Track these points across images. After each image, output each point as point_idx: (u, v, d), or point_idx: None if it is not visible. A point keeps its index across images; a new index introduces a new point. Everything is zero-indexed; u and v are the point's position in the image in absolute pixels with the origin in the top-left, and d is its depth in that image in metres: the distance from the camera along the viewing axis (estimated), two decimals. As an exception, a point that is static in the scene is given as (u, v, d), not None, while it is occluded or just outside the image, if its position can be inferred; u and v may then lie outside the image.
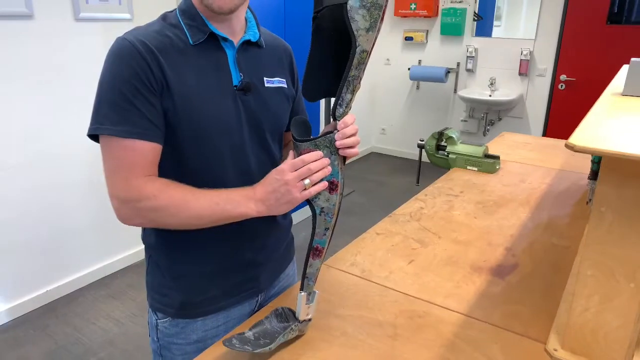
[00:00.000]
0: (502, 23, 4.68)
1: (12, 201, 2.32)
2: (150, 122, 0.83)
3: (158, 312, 1.02)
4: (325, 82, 0.84)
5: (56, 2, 2.30)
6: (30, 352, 2.17)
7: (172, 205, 0.84)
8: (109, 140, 0.84)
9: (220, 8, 0.85)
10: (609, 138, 0.76)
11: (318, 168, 0.82)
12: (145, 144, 0.84)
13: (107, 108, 0.83)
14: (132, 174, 0.84)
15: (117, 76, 0.83)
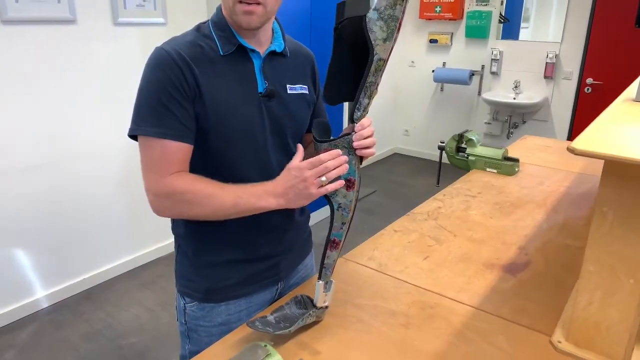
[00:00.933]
0: (530, 25, 4.66)
1: (54, 195, 2.47)
2: (183, 125, 0.92)
3: (186, 296, 1.11)
4: (345, 87, 0.90)
5: (97, 8, 2.44)
6: (69, 334, 2.32)
7: (200, 199, 0.92)
8: (146, 140, 0.93)
9: (248, 25, 0.94)
10: (611, 143, 0.81)
11: (334, 166, 0.88)
12: (178, 144, 0.92)
13: (145, 111, 0.92)
14: (165, 171, 0.93)
15: (154, 83, 0.92)
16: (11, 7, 2.11)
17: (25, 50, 2.23)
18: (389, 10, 0.83)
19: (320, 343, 0.95)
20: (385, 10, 0.82)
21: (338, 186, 0.90)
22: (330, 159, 0.88)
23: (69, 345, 2.25)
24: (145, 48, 2.67)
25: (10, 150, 2.27)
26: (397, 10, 0.83)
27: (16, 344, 2.25)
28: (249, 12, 0.92)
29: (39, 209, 2.42)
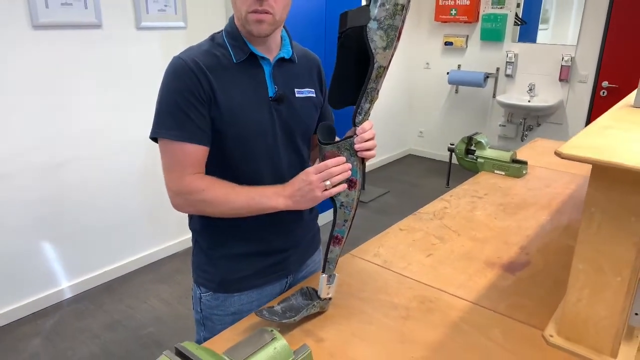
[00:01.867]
0: (550, 26, 4.64)
1: (79, 191, 2.59)
2: (200, 128, 1.00)
3: (201, 286, 1.19)
4: (349, 92, 0.96)
5: (121, 13, 2.56)
6: (90, 324, 2.43)
7: (216, 199, 1.01)
8: (165, 143, 1.01)
9: (259, 33, 1.01)
10: (599, 147, 0.86)
11: (339, 172, 0.96)
12: (195, 146, 1.01)
13: (165, 116, 1.01)
14: (184, 171, 1.01)
15: (173, 90, 1.00)
16: (42, 13, 2.24)
17: (53, 53, 2.35)
18: (389, 20, 0.89)
19: (324, 331, 1.02)
20: (385, 20, 0.88)
21: (341, 189, 0.97)
22: (335, 164, 0.95)
23: (91, 333, 2.36)
24: (166, 50, 2.77)
25: (41, 147, 2.40)
26: (396, 20, 0.89)
27: (41, 331, 2.37)
28: (259, 20, 0.99)
29: (65, 204, 2.55)
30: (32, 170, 2.39)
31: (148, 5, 2.63)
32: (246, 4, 0.98)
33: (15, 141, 2.31)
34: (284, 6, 1.03)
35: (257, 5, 0.97)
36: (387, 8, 0.88)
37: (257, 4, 0.97)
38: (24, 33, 2.23)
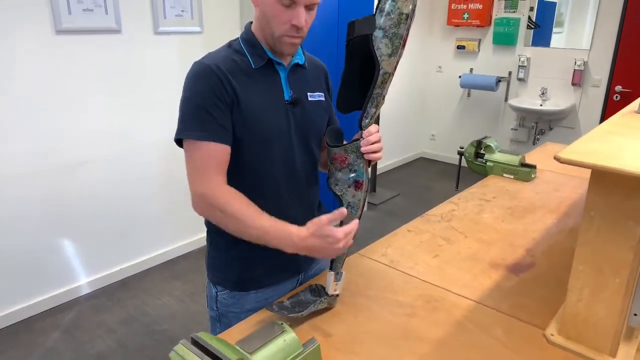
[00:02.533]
0: (565, 29, 4.63)
1: (97, 190, 2.67)
2: (222, 127, 1.04)
3: (218, 285, 1.24)
4: (356, 97, 1.01)
5: (140, 18, 2.64)
6: (107, 318, 2.51)
7: (234, 217, 1.02)
8: (190, 144, 1.05)
9: (289, 52, 1.09)
10: (598, 152, 0.89)
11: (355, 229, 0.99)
12: (218, 145, 1.04)
13: (190, 118, 1.05)
14: (208, 172, 1.04)
15: (197, 92, 1.04)
16: (65, 18, 2.32)
17: (75, 56, 2.43)
18: (394, 29, 0.93)
19: (331, 326, 1.06)
20: (390, 29, 0.93)
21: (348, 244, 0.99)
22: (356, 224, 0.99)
23: (107, 328, 2.44)
24: (183, 54, 2.85)
25: (61, 147, 2.48)
26: (401, 29, 0.94)
27: (60, 325, 2.45)
28: (293, 43, 1.06)
29: (84, 203, 2.63)
30: (52, 169, 2.47)
31: (166, 10, 2.70)
32: (283, 28, 1.03)
33: (37, 141, 2.40)
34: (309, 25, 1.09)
35: (294, 31, 1.03)
36: (391, 17, 0.93)
37: (294, 30, 1.03)
38: (47, 37, 2.32)
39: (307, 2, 1.01)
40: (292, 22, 1.02)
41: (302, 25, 1.02)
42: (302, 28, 1.04)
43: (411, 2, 0.94)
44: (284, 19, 1.02)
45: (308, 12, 1.04)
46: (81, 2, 2.36)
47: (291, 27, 1.03)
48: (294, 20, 1.01)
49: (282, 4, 1.01)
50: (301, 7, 1.01)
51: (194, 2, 2.82)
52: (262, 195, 1.12)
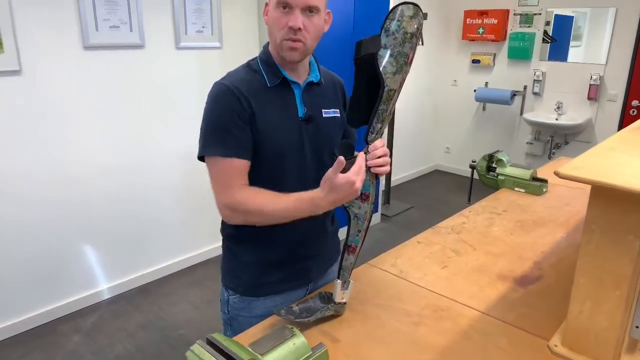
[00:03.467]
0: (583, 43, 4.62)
1: (120, 198, 2.77)
2: (242, 144, 1.11)
3: (230, 289, 1.30)
4: (364, 112, 1.06)
5: (162, 34, 2.75)
6: (126, 323, 2.59)
7: (257, 209, 1.09)
8: (213, 160, 1.13)
9: (291, 58, 1.13)
10: (598, 168, 0.92)
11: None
12: (239, 161, 1.11)
13: (211, 136, 1.12)
14: (231, 184, 1.11)
15: (216, 111, 1.12)
16: (92, 35, 2.45)
17: (101, 71, 2.55)
18: (398, 48, 0.98)
19: (339, 333, 1.10)
20: (395, 48, 0.98)
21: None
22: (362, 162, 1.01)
23: (126, 332, 2.51)
24: (202, 68, 2.95)
25: (87, 157, 2.59)
26: (405, 48, 0.99)
27: (81, 329, 2.54)
28: (292, 48, 1.11)
29: (107, 210, 2.73)
30: (76, 176, 2.58)
31: (187, 27, 2.81)
32: (282, 32, 1.10)
33: (65, 151, 2.51)
34: (315, 37, 1.14)
35: (291, 34, 1.09)
36: (396, 37, 0.98)
37: (291, 33, 1.09)
38: (76, 53, 2.44)
39: (301, 5, 1.07)
40: (288, 24, 1.08)
41: (297, 26, 1.08)
42: (301, 31, 1.09)
43: (416, 22, 0.99)
44: (282, 23, 1.09)
45: (308, 17, 1.10)
46: (108, 20, 2.48)
47: (289, 30, 1.09)
48: (290, 22, 1.08)
49: (280, 9, 1.08)
50: (297, 10, 1.08)
51: (214, 19, 2.93)
52: None
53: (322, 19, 1.15)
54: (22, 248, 2.45)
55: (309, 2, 1.08)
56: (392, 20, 0.98)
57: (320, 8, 1.12)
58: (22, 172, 2.39)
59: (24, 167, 2.39)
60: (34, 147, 2.40)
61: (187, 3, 2.78)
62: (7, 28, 2.18)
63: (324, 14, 1.15)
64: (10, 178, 2.35)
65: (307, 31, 1.10)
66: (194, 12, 2.83)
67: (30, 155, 2.40)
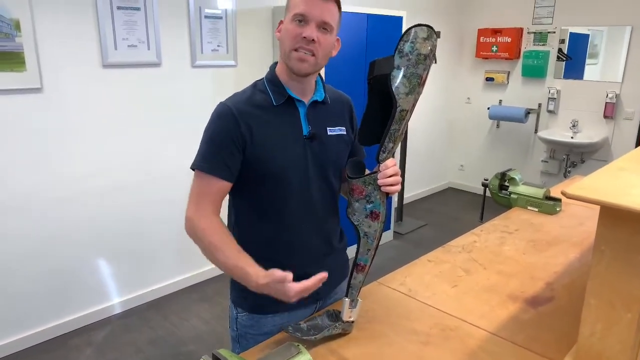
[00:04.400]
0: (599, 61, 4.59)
1: (133, 213, 2.82)
2: (226, 166, 1.14)
3: (238, 307, 1.30)
4: (376, 131, 1.07)
5: (179, 53, 2.82)
6: (136, 338, 2.60)
7: (208, 247, 1.13)
8: (197, 173, 1.18)
9: (299, 70, 1.14)
10: (607, 188, 0.92)
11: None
12: (217, 180, 1.14)
13: (203, 151, 1.16)
14: (202, 200, 1.16)
15: (214, 131, 1.15)
16: (111, 54, 2.52)
17: (119, 88, 2.62)
18: (412, 69, 1.00)
19: (347, 351, 1.10)
20: (408, 69, 0.99)
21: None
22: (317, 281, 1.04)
23: (136, 347, 2.52)
24: (217, 86, 3.01)
25: (100, 172, 2.64)
26: (419, 69, 1.00)
27: (93, 343, 2.56)
28: (302, 59, 1.12)
29: (118, 225, 2.77)
30: (90, 192, 2.63)
31: (203, 46, 2.88)
32: (294, 42, 1.12)
33: (81, 166, 2.56)
34: (325, 55, 1.16)
35: (304, 43, 1.11)
36: (410, 58, 0.99)
37: (304, 43, 1.11)
38: (95, 71, 2.51)
39: (317, 20, 1.10)
40: (302, 34, 1.10)
41: (311, 37, 1.10)
42: (314, 43, 1.11)
43: (430, 44, 1.00)
44: (295, 33, 1.11)
45: (322, 33, 1.12)
46: (126, 39, 2.56)
47: (302, 40, 1.10)
48: (305, 33, 1.10)
49: (296, 22, 1.11)
50: (312, 23, 1.10)
51: (229, 38, 3.00)
52: (280, 223, 1.21)
53: (333, 40, 1.17)
54: (36, 261, 2.49)
55: (325, 18, 1.11)
56: (406, 42, 1.00)
57: (334, 28, 1.15)
58: (39, 187, 2.44)
59: (42, 182, 2.44)
60: (51, 163, 2.46)
61: (203, 22, 2.86)
62: (30, 47, 2.26)
63: (335, 35, 1.17)
64: (27, 193, 2.41)
65: (319, 45, 1.12)
66: (210, 32, 2.90)
67: (47, 171, 2.45)
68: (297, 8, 1.11)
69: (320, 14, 1.10)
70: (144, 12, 2.59)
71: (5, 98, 2.26)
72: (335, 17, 1.14)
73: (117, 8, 2.49)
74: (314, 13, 1.10)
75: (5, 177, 2.33)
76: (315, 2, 1.10)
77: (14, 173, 2.35)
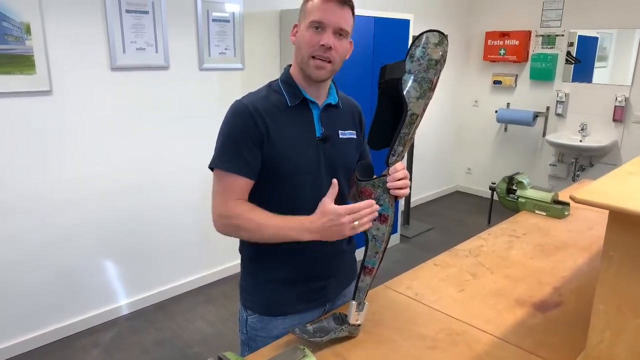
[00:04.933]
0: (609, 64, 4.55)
1: (140, 215, 2.83)
2: (248, 164, 1.14)
3: (248, 309, 1.30)
4: (386, 135, 1.08)
5: (186, 56, 2.84)
6: (143, 339, 2.61)
7: (250, 224, 1.13)
8: (219, 173, 1.17)
9: (317, 77, 1.16)
10: (616, 193, 0.91)
11: (368, 214, 1.04)
12: (242, 179, 1.15)
13: (222, 150, 1.16)
14: (228, 197, 1.15)
15: (232, 129, 1.15)
16: (119, 57, 2.54)
17: (127, 91, 2.64)
18: (422, 74, 1.00)
19: (352, 354, 1.10)
20: (419, 74, 1.00)
21: (367, 227, 1.05)
22: (365, 207, 1.04)
23: (142, 349, 2.53)
24: (224, 89, 3.02)
25: (107, 174, 2.66)
26: (429, 74, 1.00)
27: (100, 344, 2.57)
28: (319, 67, 1.14)
29: (125, 227, 2.78)
30: (97, 194, 2.64)
31: (210, 49, 2.90)
32: (311, 50, 1.13)
33: (89, 168, 2.58)
34: (341, 60, 1.17)
35: (321, 51, 1.12)
36: (421, 63, 1.00)
37: (321, 51, 1.12)
38: (103, 74, 2.54)
39: (334, 26, 1.12)
40: (320, 42, 1.11)
41: (329, 44, 1.11)
42: (331, 50, 1.12)
43: (441, 49, 1.01)
44: (313, 41, 1.12)
45: (338, 39, 1.13)
46: (135, 42, 2.58)
47: (319, 47, 1.12)
48: (322, 41, 1.11)
49: (313, 29, 1.12)
50: (329, 30, 1.12)
51: (237, 41, 3.01)
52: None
53: (348, 45, 1.19)
54: (44, 262, 2.51)
55: (342, 25, 1.13)
56: (417, 47, 1.01)
57: (349, 33, 1.17)
58: (47, 188, 2.46)
59: (49, 183, 2.47)
60: (58, 164, 2.48)
61: (210, 26, 2.87)
62: (39, 50, 2.28)
63: (349, 39, 1.19)
64: (35, 195, 2.43)
65: (336, 51, 1.14)
66: (217, 35, 2.91)
67: (55, 173, 2.47)
68: (313, 15, 1.12)
69: (337, 21, 1.12)
70: (152, 16, 2.61)
71: (15, 100, 2.28)
72: (350, 22, 1.16)
73: (125, 11, 2.52)
74: (331, 20, 1.11)
75: (16, 178, 2.36)
76: (332, 8, 1.11)
77: (24, 174, 2.38)
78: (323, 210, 1.06)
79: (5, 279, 2.40)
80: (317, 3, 1.13)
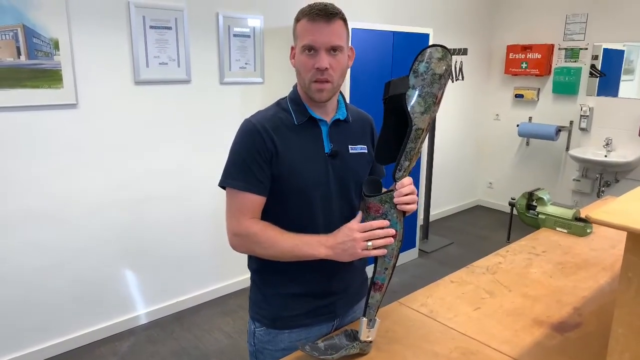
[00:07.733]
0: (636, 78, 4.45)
1: (159, 226, 2.87)
2: (259, 181, 1.16)
3: (256, 321, 1.32)
4: (392, 150, 1.07)
5: (208, 70, 2.90)
6: (160, 349, 2.63)
7: (266, 242, 1.14)
8: (231, 191, 1.19)
9: (319, 99, 1.17)
10: (632, 213, 0.89)
11: (382, 235, 1.05)
12: (254, 196, 1.16)
13: (232, 169, 1.18)
14: (243, 216, 1.17)
15: (242, 148, 1.18)
16: (143, 71, 2.62)
17: (150, 104, 2.71)
18: (427, 88, 1.00)
19: (364, 372, 1.09)
20: (423, 89, 1.00)
21: (381, 253, 1.06)
22: (379, 227, 1.05)
23: (160, 358, 2.55)
24: (245, 103, 3.07)
25: (128, 185, 2.72)
26: (434, 88, 1.00)
27: (117, 353, 2.60)
28: (320, 89, 1.15)
29: (145, 238, 2.83)
30: (118, 205, 2.70)
31: (231, 63, 2.95)
32: (310, 74, 1.15)
33: (111, 179, 2.65)
34: (341, 75, 1.18)
35: (318, 74, 1.13)
36: (424, 78, 1.00)
37: (319, 74, 1.13)
38: (127, 87, 2.61)
39: (325, 47, 1.12)
40: (315, 65, 1.12)
41: (323, 67, 1.12)
42: (327, 71, 1.13)
43: (445, 64, 1.01)
44: (309, 65, 1.13)
45: (332, 56, 1.14)
46: (158, 57, 2.65)
47: (316, 71, 1.13)
48: (317, 64, 1.12)
49: (306, 53, 1.13)
50: (322, 51, 1.12)
51: (257, 56, 3.06)
52: None
53: (345, 56, 1.19)
54: (67, 270, 2.57)
55: (333, 43, 1.13)
56: (420, 62, 1.01)
57: (344, 46, 1.16)
58: (72, 198, 2.53)
59: (75, 193, 2.53)
60: (83, 175, 2.55)
61: (232, 41, 2.93)
62: (67, 65, 2.37)
63: (347, 50, 1.19)
64: (60, 204, 2.50)
65: (333, 70, 1.14)
66: (238, 49, 2.97)
67: (80, 182, 2.54)
68: (304, 39, 1.13)
69: (328, 40, 1.12)
70: (175, 31, 2.68)
71: (43, 113, 2.36)
72: (342, 35, 1.15)
73: (150, 27, 2.59)
74: (321, 41, 1.12)
75: (43, 188, 2.43)
76: (320, 28, 1.11)
77: (51, 184, 2.45)
78: (341, 228, 1.10)
79: (31, 285, 2.46)
80: (305, 25, 1.13)
